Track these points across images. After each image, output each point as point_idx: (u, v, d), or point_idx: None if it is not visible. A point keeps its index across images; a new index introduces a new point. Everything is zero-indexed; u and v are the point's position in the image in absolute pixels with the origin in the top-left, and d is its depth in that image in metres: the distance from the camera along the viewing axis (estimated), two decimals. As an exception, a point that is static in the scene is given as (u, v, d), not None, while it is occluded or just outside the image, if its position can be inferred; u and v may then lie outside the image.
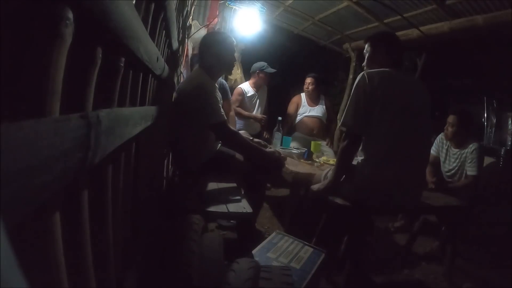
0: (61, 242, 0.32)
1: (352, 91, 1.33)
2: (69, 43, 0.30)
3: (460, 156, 2.09)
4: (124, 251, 0.64)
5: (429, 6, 2.39)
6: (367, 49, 1.48)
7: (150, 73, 0.82)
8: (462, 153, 2.07)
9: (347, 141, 1.34)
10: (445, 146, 2.20)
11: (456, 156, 2.11)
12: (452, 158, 2.14)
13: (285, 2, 3.07)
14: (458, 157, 2.10)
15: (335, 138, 3.77)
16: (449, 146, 2.17)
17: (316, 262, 1.18)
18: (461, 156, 2.08)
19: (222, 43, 1.60)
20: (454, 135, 2.08)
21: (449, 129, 2.09)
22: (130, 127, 0.55)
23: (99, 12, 0.34)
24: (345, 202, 1.34)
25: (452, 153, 2.14)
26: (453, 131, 2.07)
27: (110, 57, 0.45)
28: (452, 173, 2.14)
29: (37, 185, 0.23)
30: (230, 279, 0.73)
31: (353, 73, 3.84)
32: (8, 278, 0.13)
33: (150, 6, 0.69)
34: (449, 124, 2.10)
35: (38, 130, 0.23)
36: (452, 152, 2.15)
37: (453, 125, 2.07)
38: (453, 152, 2.13)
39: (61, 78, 0.29)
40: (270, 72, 2.87)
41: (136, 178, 0.77)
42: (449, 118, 2.11)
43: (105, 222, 0.51)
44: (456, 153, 2.11)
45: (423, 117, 1.38)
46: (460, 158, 2.08)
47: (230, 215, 1.31)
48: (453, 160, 2.13)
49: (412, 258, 1.92)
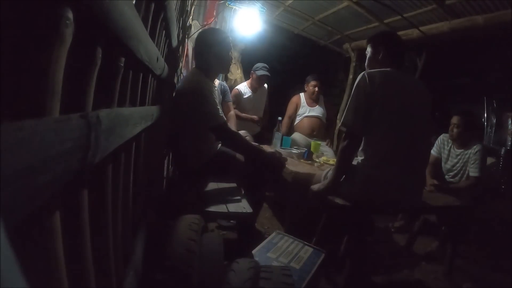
0: (61, 242, 0.32)
1: (353, 91, 1.32)
2: (69, 43, 0.30)
3: (463, 156, 2.09)
4: (124, 251, 0.64)
5: (429, 6, 2.39)
6: (368, 49, 1.48)
7: (150, 73, 0.82)
8: (465, 154, 2.08)
9: (347, 141, 1.33)
10: (447, 146, 2.20)
11: (459, 157, 2.12)
12: (455, 159, 2.14)
13: (285, 2, 3.07)
14: (461, 157, 2.10)
15: (335, 138, 3.78)
16: (451, 146, 2.18)
17: (316, 262, 1.18)
18: (464, 157, 2.09)
19: (216, 40, 1.54)
20: (459, 135, 2.08)
21: (454, 130, 2.10)
22: (130, 127, 0.55)
23: (99, 12, 0.34)
24: (345, 202, 1.34)
25: (455, 153, 2.15)
26: (458, 131, 2.08)
27: (110, 57, 0.45)
28: (454, 173, 2.15)
29: (37, 185, 0.23)
30: (230, 279, 0.73)
31: (353, 73, 3.84)
32: (8, 278, 0.13)
33: (150, 6, 0.69)
34: (454, 125, 2.10)
35: (38, 130, 0.23)
36: (455, 152, 2.15)
37: (458, 126, 2.08)
38: (456, 153, 2.14)
39: (61, 78, 0.29)
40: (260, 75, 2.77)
41: (136, 178, 0.77)
42: (453, 119, 2.12)
43: (105, 222, 0.51)
44: (459, 153, 2.12)
45: (423, 117, 1.38)
46: (463, 158, 2.09)
47: (230, 215, 1.31)
48: (455, 160, 2.13)
49: (412, 258, 1.92)
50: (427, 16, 2.55)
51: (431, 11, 2.46)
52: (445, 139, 2.23)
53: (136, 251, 0.75)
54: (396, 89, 1.32)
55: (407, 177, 1.32)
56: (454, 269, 1.70)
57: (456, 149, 2.14)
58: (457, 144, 2.14)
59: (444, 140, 2.23)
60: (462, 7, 2.24)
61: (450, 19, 2.42)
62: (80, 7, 0.30)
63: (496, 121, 4.72)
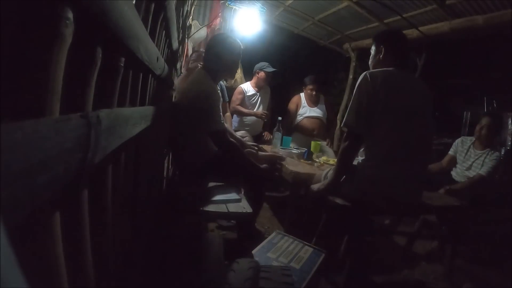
0: (61, 242, 0.32)
1: (354, 91, 1.32)
2: (69, 43, 0.30)
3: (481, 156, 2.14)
4: (124, 251, 0.64)
5: (429, 6, 2.39)
6: (372, 48, 1.47)
7: (150, 73, 0.82)
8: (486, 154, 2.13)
9: (348, 141, 1.33)
10: (466, 146, 2.25)
11: (477, 157, 2.16)
12: (473, 158, 2.18)
13: (285, 2, 3.07)
14: (479, 157, 2.15)
15: (335, 138, 3.78)
16: (470, 146, 2.23)
17: (316, 262, 1.18)
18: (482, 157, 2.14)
19: (231, 47, 1.61)
20: (486, 137, 2.14)
21: (483, 130, 2.15)
22: (130, 127, 0.55)
23: (99, 12, 0.34)
24: (345, 202, 1.34)
25: (474, 153, 2.19)
26: (487, 133, 2.14)
27: (110, 57, 0.45)
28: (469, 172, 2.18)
29: (37, 185, 0.23)
30: (230, 279, 0.73)
31: (353, 73, 3.84)
32: (8, 278, 0.13)
33: (150, 6, 0.69)
34: (484, 126, 2.15)
35: (38, 130, 0.23)
36: (474, 152, 2.20)
37: (488, 127, 2.14)
38: (475, 153, 2.18)
39: (61, 78, 0.29)
40: (270, 72, 2.88)
41: (136, 178, 0.77)
42: (483, 119, 2.18)
43: (105, 222, 0.51)
44: (478, 154, 2.17)
45: (425, 117, 1.38)
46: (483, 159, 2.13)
47: (230, 215, 1.31)
48: (472, 159, 2.18)
49: (412, 258, 1.92)
50: (427, 16, 2.55)
51: (431, 11, 2.46)
52: (464, 140, 2.30)
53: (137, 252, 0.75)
54: (398, 89, 1.31)
55: (408, 177, 1.32)
56: (454, 269, 1.70)
57: (476, 150, 2.19)
58: (479, 144, 2.19)
59: (463, 141, 2.29)
60: (462, 7, 2.24)
61: (450, 19, 2.42)
62: (80, 7, 0.30)
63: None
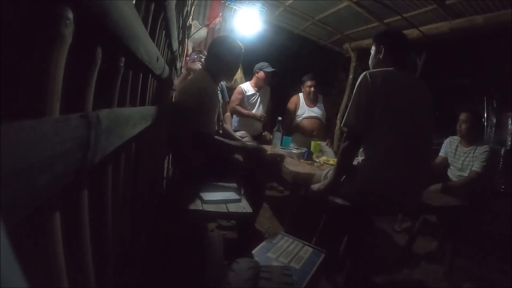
0: (61, 242, 0.32)
1: (354, 91, 1.32)
2: (69, 43, 0.30)
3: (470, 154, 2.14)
4: (124, 251, 0.64)
5: (429, 6, 2.39)
6: (372, 49, 1.47)
7: (150, 73, 0.82)
8: (472, 151, 2.12)
9: (348, 141, 1.33)
10: (453, 145, 2.25)
11: (466, 154, 2.16)
12: (462, 157, 2.18)
13: (285, 2, 3.07)
14: (468, 155, 2.15)
15: (335, 138, 3.77)
16: (458, 145, 2.23)
17: (316, 262, 1.18)
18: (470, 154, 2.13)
19: (232, 50, 1.63)
20: (467, 131, 2.14)
21: (463, 125, 2.16)
22: (130, 127, 0.55)
23: (99, 12, 0.34)
24: (345, 202, 1.34)
25: (462, 151, 2.19)
26: (467, 127, 2.14)
27: (110, 57, 0.45)
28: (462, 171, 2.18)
29: (37, 185, 0.23)
30: (230, 279, 0.73)
31: (353, 73, 3.84)
32: (8, 278, 0.13)
33: (150, 6, 0.69)
34: (462, 121, 2.16)
35: (38, 130, 0.23)
36: (462, 150, 2.20)
37: (466, 122, 2.14)
38: (463, 151, 2.18)
39: (61, 78, 0.29)
40: (270, 71, 2.87)
41: (136, 178, 0.77)
42: (461, 115, 2.18)
43: (105, 222, 0.51)
44: (466, 151, 2.16)
45: (425, 117, 1.38)
46: (470, 156, 2.13)
47: (230, 215, 1.31)
48: (462, 158, 2.18)
49: (412, 258, 1.92)
50: (427, 16, 2.55)
51: (431, 11, 2.46)
52: (452, 140, 2.29)
53: (137, 251, 0.75)
54: (398, 89, 1.31)
55: (408, 177, 1.32)
56: (454, 269, 1.70)
57: (463, 147, 2.19)
58: (464, 142, 2.19)
59: (451, 141, 2.29)
60: (462, 7, 2.24)
61: (450, 19, 2.42)
62: (80, 7, 0.30)
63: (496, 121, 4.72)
